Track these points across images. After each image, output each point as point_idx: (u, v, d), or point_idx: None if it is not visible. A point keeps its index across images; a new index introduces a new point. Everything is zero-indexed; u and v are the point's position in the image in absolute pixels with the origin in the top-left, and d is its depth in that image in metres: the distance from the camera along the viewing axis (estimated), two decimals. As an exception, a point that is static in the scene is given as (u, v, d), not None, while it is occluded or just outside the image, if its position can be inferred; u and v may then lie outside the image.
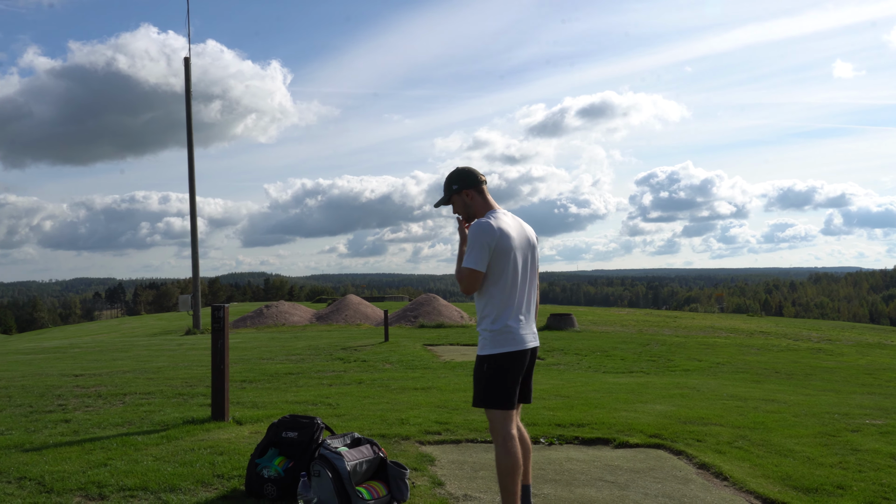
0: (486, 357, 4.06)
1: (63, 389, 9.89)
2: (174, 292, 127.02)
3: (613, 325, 27.95)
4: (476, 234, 4.04)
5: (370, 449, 4.69)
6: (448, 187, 4.31)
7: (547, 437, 6.56)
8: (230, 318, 33.70)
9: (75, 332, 41.99)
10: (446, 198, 4.31)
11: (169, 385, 10.30)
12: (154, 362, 14.08)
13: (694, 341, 20.72)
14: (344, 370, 12.57)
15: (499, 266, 4.07)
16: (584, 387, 10.17)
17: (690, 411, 7.90)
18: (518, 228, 4.21)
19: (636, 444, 6.35)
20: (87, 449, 6.10)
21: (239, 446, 6.08)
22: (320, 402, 8.62)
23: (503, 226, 4.10)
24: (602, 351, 17.16)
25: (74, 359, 15.42)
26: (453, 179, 4.29)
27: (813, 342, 22.28)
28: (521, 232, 4.21)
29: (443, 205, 4.37)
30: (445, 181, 4.33)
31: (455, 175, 4.30)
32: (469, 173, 4.28)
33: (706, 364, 14.95)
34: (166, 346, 19.63)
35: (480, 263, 4.00)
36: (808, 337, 24.58)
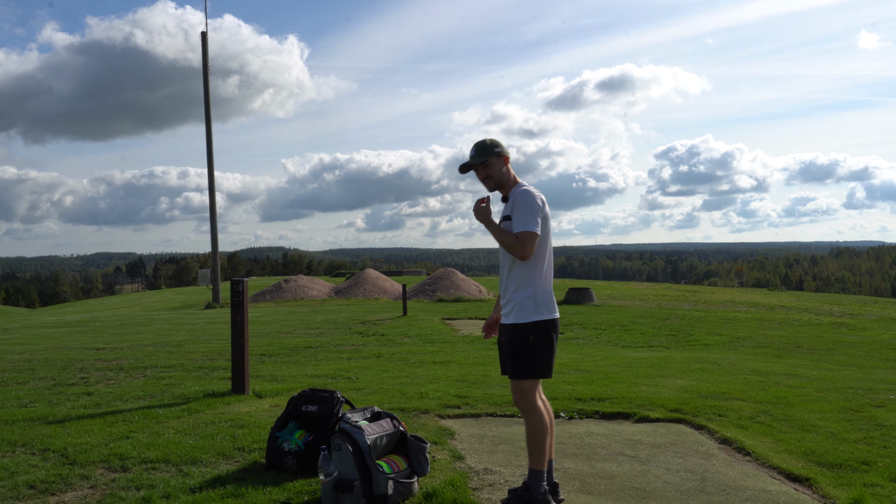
0: (530, 325, 4.12)
1: (85, 363, 9.98)
2: (193, 267, 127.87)
3: (632, 299, 27.85)
4: (528, 200, 4.10)
5: (390, 423, 4.68)
6: (489, 149, 4.24)
7: (567, 412, 6.54)
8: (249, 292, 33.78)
9: (96, 306, 42.45)
10: (484, 159, 4.22)
11: (189, 359, 10.37)
12: (174, 336, 14.18)
13: (714, 315, 20.60)
14: (363, 344, 12.60)
15: (543, 235, 4.16)
16: (604, 361, 10.13)
17: (711, 386, 7.85)
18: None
19: (657, 419, 6.32)
20: (109, 422, 6.15)
21: (259, 419, 6.11)
22: (339, 376, 8.64)
23: (542, 195, 4.20)
24: (621, 325, 17.10)
25: (96, 332, 15.57)
26: (495, 143, 4.27)
27: (835, 317, 22.09)
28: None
29: (478, 166, 4.26)
30: (483, 144, 4.26)
31: (495, 140, 4.30)
32: (500, 143, 4.30)
33: (726, 338, 14.86)
34: (186, 319, 19.77)
35: (537, 227, 4.08)
36: (829, 311, 24.38)
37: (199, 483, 4.49)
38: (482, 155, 4.23)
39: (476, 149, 4.26)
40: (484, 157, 4.22)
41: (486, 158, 4.22)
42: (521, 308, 4.15)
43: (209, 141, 30.08)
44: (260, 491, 4.34)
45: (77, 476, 4.67)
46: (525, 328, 4.13)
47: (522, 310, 4.15)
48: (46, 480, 4.58)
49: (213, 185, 30.11)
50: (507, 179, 4.27)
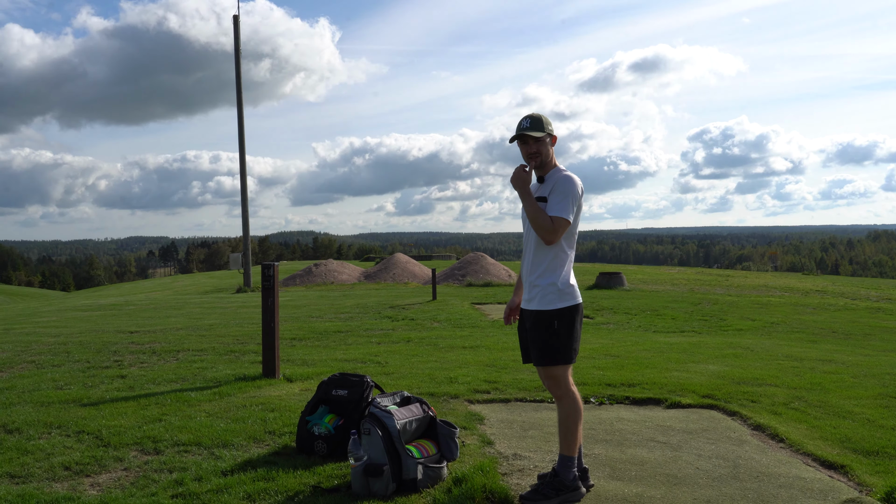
0: (556, 312, 4.10)
1: (119, 346, 10.13)
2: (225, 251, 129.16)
3: (664, 283, 27.62)
4: (569, 186, 4.09)
5: (420, 408, 4.69)
6: (546, 126, 4.16)
7: (597, 397, 6.52)
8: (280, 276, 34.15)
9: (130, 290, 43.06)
10: (541, 135, 4.11)
11: (221, 342, 10.48)
12: (206, 320, 14.33)
13: (747, 300, 20.37)
14: (392, 328, 12.64)
15: (575, 222, 4.19)
16: (635, 346, 10.07)
17: (744, 371, 7.77)
18: None
19: (688, 405, 6.27)
20: (142, 404, 6.24)
21: (289, 403, 6.16)
22: (369, 361, 8.68)
23: (581, 184, 4.20)
24: (652, 310, 16.98)
25: (129, 316, 15.79)
26: (549, 122, 4.20)
27: (872, 301, 21.73)
28: None
29: (531, 140, 4.13)
30: (540, 120, 4.15)
31: (544, 118, 4.20)
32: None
33: (760, 323, 14.69)
34: (218, 303, 19.98)
35: (571, 215, 4.08)
36: (866, 296, 23.99)
37: (231, 466, 4.54)
38: (539, 129, 4.13)
39: (532, 122, 4.14)
40: (541, 133, 4.13)
41: (543, 134, 4.13)
42: (546, 294, 4.13)
43: (241, 125, 30.25)
44: (290, 474, 4.38)
45: (111, 458, 4.74)
46: (550, 315, 4.11)
47: (546, 296, 4.12)
48: (81, 462, 4.66)
49: (244, 169, 30.31)
50: (549, 160, 4.22)
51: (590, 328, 13.37)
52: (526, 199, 4.13)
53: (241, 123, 30.22)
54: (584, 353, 9.17)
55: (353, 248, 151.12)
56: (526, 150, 4.15)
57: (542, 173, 4.23)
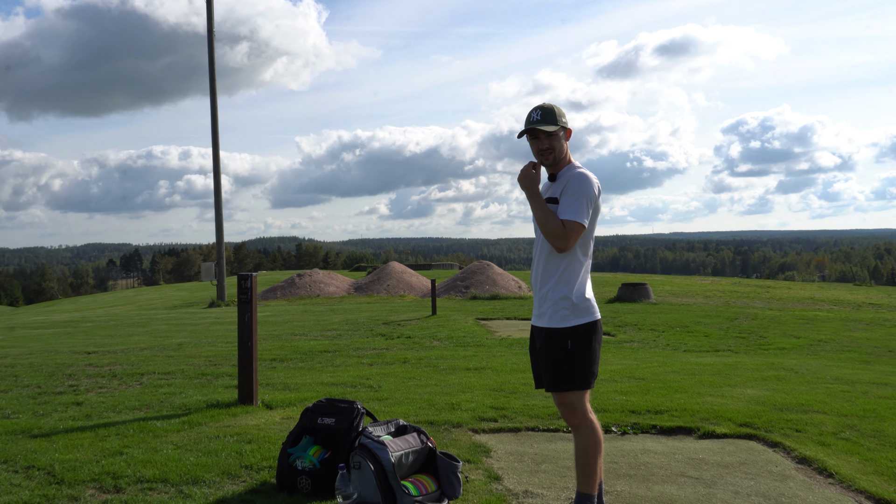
0: (570, 330, 4.06)
1: (74, 368, 10.13)
2: (196, 259, 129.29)
3: (695, 296, 27.62)
4: (585, 186, 4.05)
5: (417, 438, 4.69)
6: (559, 119, 4.13)
7: (619, 426, 6.51)
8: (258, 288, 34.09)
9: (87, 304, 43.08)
10: (553, 129, 4.09)
11: (191, 364, 10.48)
12: (174, 338, 14.34)
13: (790, 315, 20.37)
14: (386, 348, 12.65)
15: (590, 228, 4.13)
16: (662, 368, 10.07)
17: (787, 396, 7.76)
18: None
19: (724, 435, 6.27)
20: (100, 435, 6.23)
21: (269, 434, 6.15)
22: (360, 384, 8.68)
23: (599, 184, 4.14)
24: (682, 326, 16.98)
25: (86, 334, 15.79)
26: (563, 114, 4.17)
27: (932, 316, 21.73)
28: None
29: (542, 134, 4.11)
30: (552, 111, 4.12)
31: (562, 110, 4.18)
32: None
33: (805, 341, 14.69)
34: (188, 319, 19.99)
35: (587, 218, 4.03)
36: (926, 310, 23.98)
37: (202, 505, 4.53)
38: (551, 122, 4.10)
39: (544, 113, 4.11)
40: (554, 126, 4.10)
41: (556, 128, 4.11)
42: (558, 310, 4.09)
43: (214, 116, 30.32)
44: (269, 515, 4.37)
45: (65, 497, 4.73)
46: (562, 334, 4.08)
47: (558, 312, 4.09)
48: (30, 502, 4.65)
49: (218, 167, 30.37)
50: (564, 157, 4.18)
51: (611, 347, 13.36)
52: (534, 201, 4.11)
53: (215, 115, 30.29)
54: (604, 375, 9.16)
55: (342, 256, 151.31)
56: (537, 146, 4.13)
57: (555, 171, 4.20)
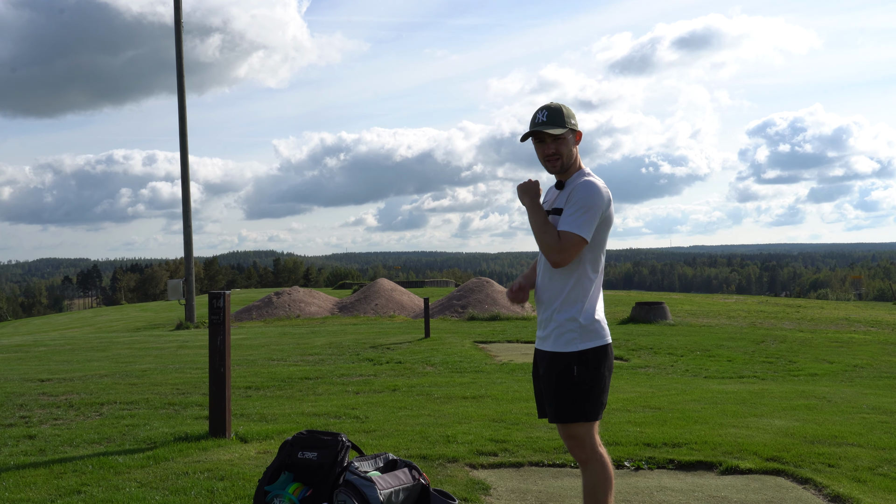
0: (577, 355, 4.02)
1: (26, 398, 10.11)
2: (162, 276, 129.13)
3: (718, 316, 27.66)
4: (589, 195, 4.00)
5: (409, 474, 4.71)
6: (567, 120, 4.11)
7: (633, 460, 6.53)
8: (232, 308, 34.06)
9: (40, 327, 42.96)
10: (561, 132, 4.07)
11: (156, 392, 10.48)
12: (138, 364, 14.32)
13: (823, 337, 20.41)
14: (374, 374, 12.65)
15: (600, 242, 4.09)
16: (681, 396, 10.09)
17: (819, 428, 7.78)
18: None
19: (749, 470, 6.29)
20: (56, 472, 6.23)
21: (244, 469, 6.16)
22: (345, 415, 8.68)
23: (609, 192, 4.09)
24: (703, 350, 17.01)
25: (40, 359, 15.76)
26: (572, 114, 4.15)
27: (980, 338, 21.78)
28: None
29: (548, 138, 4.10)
30: (560, 112, 4.10)
31: (571, 110, 4.16)
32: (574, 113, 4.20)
33: (839, 367, 14.72)
34: (153, 343, 19.96)
35: (589, 232, 3.97)
36: (973, 332, 24.04)
37: (169, 549, 4.54)
38: (559, 124, 4.08)
39: (550, 114, 4.09)
40: (561, 129, 4.07)
41: (564, 131, 4.08)
42: (563, 333, 4.06)
43: (182, 117, 30.36)
44: (244, 559, 4.38)
45: (17, 540, 4.74)
46: (568, 359, 4.03)
47: (563, 335, 4.06)
48: (-21, 545, 4.66)
49: (186, 173, 30.39)
50: (573, 162, 4.17)
51: (624, 373, 13.38)
52: (533, 214, 4.10)
53: (183, 115, 30.34)
54: (616, 404, 9.18)
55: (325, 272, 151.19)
56: (543, 151, 4.12)
57: (564, 178, 4.18)
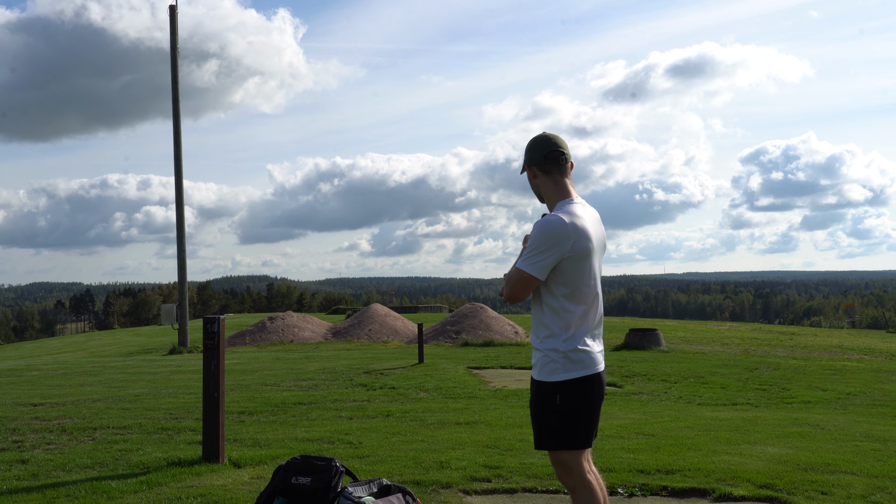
0: (557, 385, 4.06)
1: (18, 422, 10.09)
2: (155, 301, 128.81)
3: (711, 343, 27.67)
4: (541, 231, 4.07)
5: (402, 499, 4.71)
6: (525, 155, 4.36)
7: (627, 487, 6.53)
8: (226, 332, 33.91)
9: (32, 351, 42.80)
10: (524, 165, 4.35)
11: (149, 417, 10.46)
12: (131, 388, 14.29)
13: (816, 365, 20.43)
14: (368, 399, 12.64)
15: (575, 274, 4.10)
16: (674, 423, 10.10)
17: (812, 455, 7.80)
18: (596, 224, 4.24)
19: (742, 497, 6.29)
20: (48, 497, 6.22)
21: (237, 495, 6.15)
22: (338, 440, 8.68)
23: (580, 223, 4.10)
24: (697, 376, 17.02)
25: (32, 384, 15.72)
26: (527, 149, 4.34)
27: (973, 366, 21.81)
28: (598, 230, 4.25)
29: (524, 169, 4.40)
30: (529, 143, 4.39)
31: (529, 144, 4.34)
32: (538, 145, 4.30)
33: (832, 394, 14.74)
34: (146, 368, 19.91)
35: (540, 269, 4.04)
36: (966, 360, 24.07)
37: (162, 574, 4.54)
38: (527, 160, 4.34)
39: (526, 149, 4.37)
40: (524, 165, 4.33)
41: (524, 167, 4.32)
42: (547, 362, 4.13)
43: (177, 142, 30.43)
44: (238, 585, 4.38)
45: (9, 564, 4.73)
46: (550, 388, 4.10)
47: (547, 365, 4.12)
48: (-28, 570, 4.65)
49: (181, 198, 30.42)
50: (550, 192, 4.28)
51: (617, 400, 13.38)
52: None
53: (178, 140, 30.41)
54: (610, 431, 9.19)
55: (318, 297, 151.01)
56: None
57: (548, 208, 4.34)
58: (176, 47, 30.45)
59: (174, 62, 30.43)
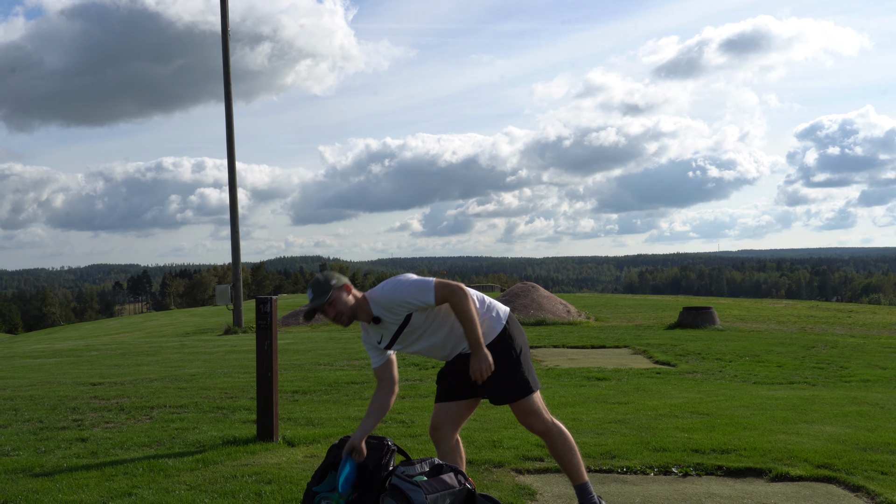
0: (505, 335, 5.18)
1: (78, 401, 10.26)
2: (210, 282, 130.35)
3: (767, 321, 27.34)
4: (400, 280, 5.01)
5: (454, 478, 4.70)
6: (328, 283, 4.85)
7: (681, 466, 6.47)
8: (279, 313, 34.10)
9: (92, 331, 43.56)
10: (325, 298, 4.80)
11: (205, 397, 10.58)
12: (187, 368, 14.47)
13: (875, 343, 20.09)
14: (420, 378, 12.66)
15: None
16: (729, 402, 9.99)
17: (872, 434, 7.67)
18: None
19: (799, 477, 6.21)
20: (107, 474, 6.32)
21: (291, 473, 6.20)
22: (391, 419, 8.71)
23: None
24: (752, 355, 16.82)
25: (91, 364, 15.99)
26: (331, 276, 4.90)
27: None
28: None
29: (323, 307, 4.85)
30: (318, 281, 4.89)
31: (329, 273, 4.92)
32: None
33: (892, 373, 14.48)
34: (201, 348, 20.15)
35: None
36: None
37: (218, 551, 4.58)
38: (324, 293, 4.77)
39: (314, 289, 4.82)
40: (325, 296, 4.76)
41: (328, 296, 4.77)
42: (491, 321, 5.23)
43: (229, 124, 30.61)
44: (292, 562, 4.40)
45: (70, 541, 4.81)
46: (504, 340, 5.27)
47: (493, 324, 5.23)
48: (33, 546, 4.73)
49: (234, 180, 30.65)
50: (357, 306, 4.83)
51: (672, 378, 13.28)
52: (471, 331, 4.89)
53: (230, 123, 30.60)
54: (664, 410, 9.12)
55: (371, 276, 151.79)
56: (329, 317, 4.83)
57: (364, 317, 4.87)
58: (227, 30, 30.59)
59: (225, 45, 30.58)
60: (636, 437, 7.43)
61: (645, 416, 8.68)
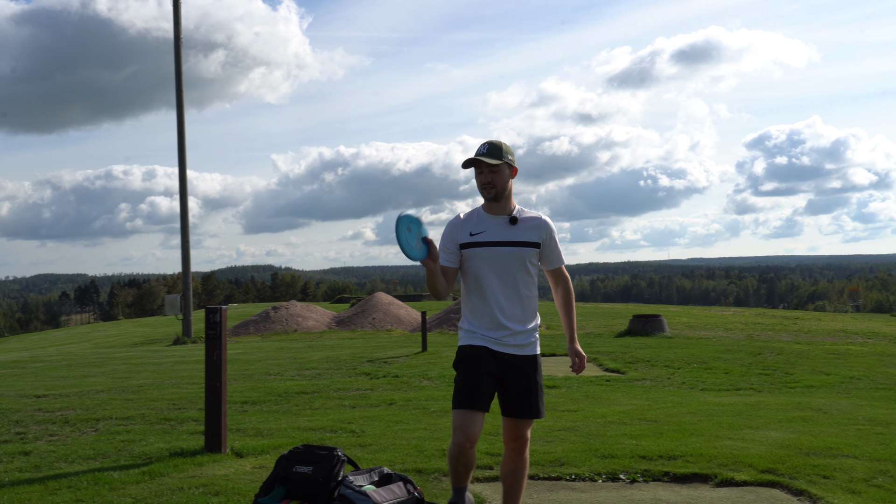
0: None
1: (21, 414, 10.11)
2: (159, 291, 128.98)
3: (715, 328, 27.68)
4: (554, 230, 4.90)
5: (403, 488, 4.71)
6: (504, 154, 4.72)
7: (628, 473, 6.53)
8: (229, 323, 33.90)
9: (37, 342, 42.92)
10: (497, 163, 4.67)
11: (152, 408, 10.47)
12: (134, 379, 14.32)
13: (820, 349, 20.43)
14: (371, 388, 12.65)
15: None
16: (677, 408, 10.10)
17: (815, 439, 7.79)
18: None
19: (744, 482, 6.28)
20: (50, 488, 6.23)
21: (239, 485, 6.16)
22: (341, 429, 8.69)
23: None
24: (700, 362, 17.02)
25: (35, 375, 15.76)
26: (509, 150, 4.75)
27: (977, 349, 21.79)
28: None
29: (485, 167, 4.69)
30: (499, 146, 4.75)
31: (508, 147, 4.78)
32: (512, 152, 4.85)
33: (836, 378, 14.73)
34: (149, 358, 19.95)
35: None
36: (970, 343, 24.05)
37: (163, 564, 4.54)
38: (496, 156, 4.67)
39: (490, 147, 4.70)
40: (497, 161, 4.66)
41: (500, 162, 4.63)
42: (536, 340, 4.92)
43: (181, 132, 30.39)
44: (239, 574, 4.38)
45: (11, 556, 4.74)
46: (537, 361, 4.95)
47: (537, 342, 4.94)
48: (-27, 561, 4.66)
49: (185, 188, 30.41)
50: (507, 193, 4.77)
51: (620, 386, 13.38)
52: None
53: (182, 130, 30.38)
54: (613, 417, 9.19)
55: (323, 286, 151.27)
56: (480, 180, 4.72)
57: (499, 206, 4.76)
58: (179, 37, 30.39)
59: (178, 53, 30.38)
60: (585, 445, 7.49)
61: (594, 424, 8.74)
